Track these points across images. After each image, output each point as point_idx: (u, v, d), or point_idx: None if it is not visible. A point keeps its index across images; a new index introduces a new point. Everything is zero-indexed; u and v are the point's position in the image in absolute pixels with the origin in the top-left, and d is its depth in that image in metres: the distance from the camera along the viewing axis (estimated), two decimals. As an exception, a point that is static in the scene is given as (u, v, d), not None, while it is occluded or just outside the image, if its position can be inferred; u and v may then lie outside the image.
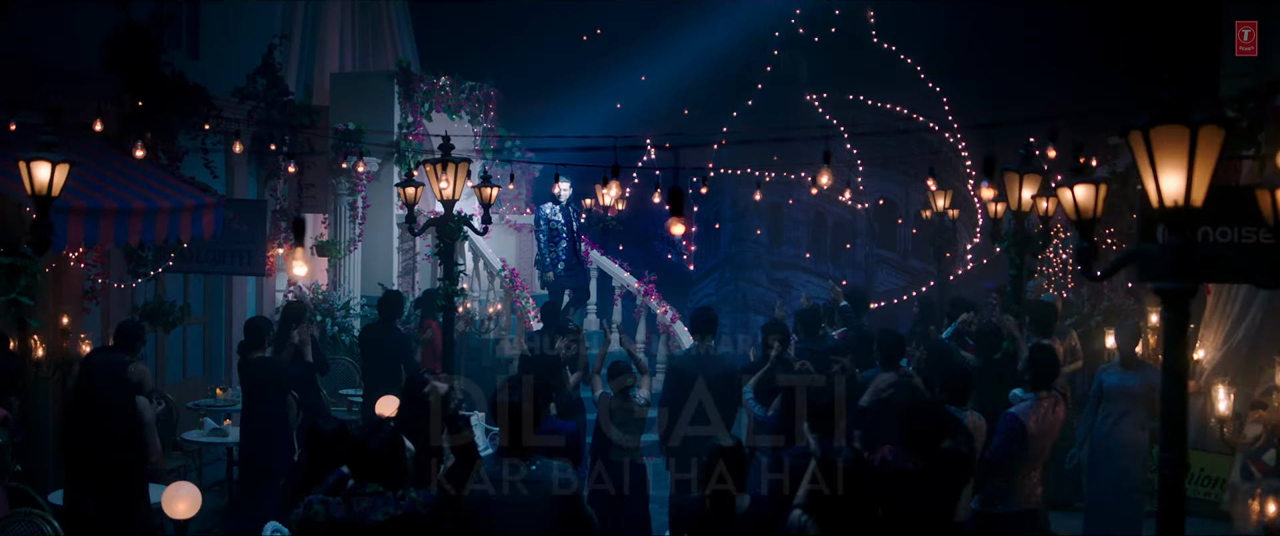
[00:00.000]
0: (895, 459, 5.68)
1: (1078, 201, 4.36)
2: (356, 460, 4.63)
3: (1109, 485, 8.42)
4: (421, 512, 4.52)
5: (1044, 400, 6.89)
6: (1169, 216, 3.97)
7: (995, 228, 8.71)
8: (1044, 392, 6.93)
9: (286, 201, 12.43)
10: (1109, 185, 5.87)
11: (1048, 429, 6.88)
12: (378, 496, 4.48)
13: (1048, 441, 6.93)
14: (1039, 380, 6.96)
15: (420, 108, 13.95)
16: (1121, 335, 8.68)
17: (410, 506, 4.50)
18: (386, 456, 4.59)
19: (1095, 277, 4.28)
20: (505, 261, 13.68)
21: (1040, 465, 6.97)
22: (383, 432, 4.67)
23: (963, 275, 17.10)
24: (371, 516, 4.42)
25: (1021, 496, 6.83)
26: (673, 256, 18.50)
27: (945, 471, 5.65)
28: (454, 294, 8.62)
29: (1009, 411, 6.91)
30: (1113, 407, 8.48)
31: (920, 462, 5.58)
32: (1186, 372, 4.11)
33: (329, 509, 4.46)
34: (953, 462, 5.65)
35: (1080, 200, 4.35)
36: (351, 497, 4.49)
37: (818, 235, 18.17)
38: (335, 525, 4.42)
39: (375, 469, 4.56)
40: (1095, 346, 11.15)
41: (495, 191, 8.94)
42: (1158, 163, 3.92)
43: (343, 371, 11.60)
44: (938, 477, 5.64)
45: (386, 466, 4.58)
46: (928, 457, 5.58)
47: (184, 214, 8.55)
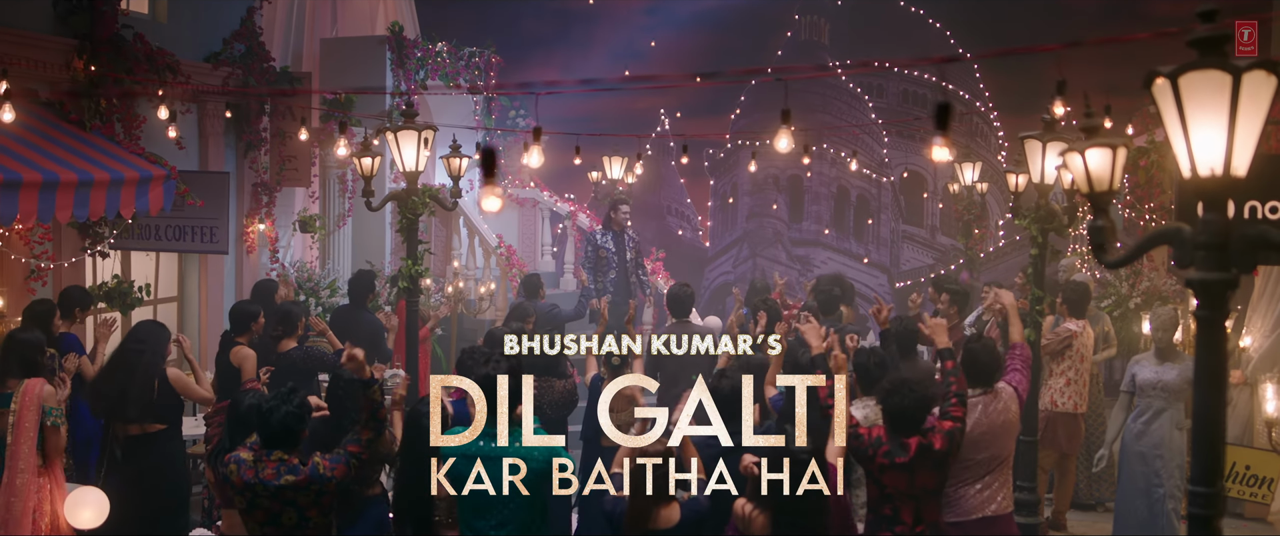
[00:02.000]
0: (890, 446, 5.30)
1: (1089, 169, 3.52)
2: (261, 430, 5.05)
3: (1140, 490, 7.57)
4: (323, 476, 4.97)
5: (981, 399, 6.06)
6: (1204, 188, 3.14)
7: (1015, 201, 7.82)
8: (981, 391, 6.09)
9: (267, 174, 11.75)
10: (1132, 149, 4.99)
11: (992, 429, 6.04)
12: (281, 462, 4.96)
13: (1000, 444, 6.09)
14: (976, 377, 6.11)
15: (415, 75, 13.20)
16: (1157, 322, 7.78)
17: (313, 471, 4.97)
18: (288, 428, 5.00)
19: (1111, 264, 3.45)
20: (501, 237, 12.93)
21: (997, 468, 6.12)
22: (288, 405, 5.01)
23: (995, 252, 16.14)
24: (272, 481, 4.92)
25: (969, 504, 6.04)
26: (685, 232, 17.70)
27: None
28: (418, 274, 7.89)
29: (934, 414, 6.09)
30: (1147, 404, 7.62)
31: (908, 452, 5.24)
32: (1224, 383, 3.28)
33: (240, 469, 4.98)
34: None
35: (1093, 168, 3.50)
36: (258, 462, 4.97)
37: (840, 210, 17.24)
38: (245, 485, 4.96)
39: (277, 438, 5.00)
40: (1134, 331, 10.27)
41: (464, 163, 8.19)
42: (1190, 120, 3.09)
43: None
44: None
45: (287, 436, 5.01)
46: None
47: (126, 187, 7.87)
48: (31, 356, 6.50)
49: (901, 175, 17.07)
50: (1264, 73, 2.96)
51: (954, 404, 5.56)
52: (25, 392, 6.30)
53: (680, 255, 16.29)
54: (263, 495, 4.93)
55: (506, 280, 12.51)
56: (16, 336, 6.66)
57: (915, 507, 5.39)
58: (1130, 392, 7.75)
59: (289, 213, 12.34)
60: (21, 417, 6.27)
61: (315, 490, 4.96)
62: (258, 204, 11.71)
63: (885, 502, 5.42)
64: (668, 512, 4.99)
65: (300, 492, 4.94)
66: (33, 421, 6.28)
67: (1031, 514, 7.67)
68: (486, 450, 5.07)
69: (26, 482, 6.22)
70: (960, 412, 5.53)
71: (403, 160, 7.75)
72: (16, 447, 6.22)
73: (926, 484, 5.39)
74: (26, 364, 6.45)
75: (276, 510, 4.97)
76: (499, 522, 5.20)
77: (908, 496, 5.37)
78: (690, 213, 17.66)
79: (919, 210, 17.07)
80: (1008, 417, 6.13)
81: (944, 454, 5.39)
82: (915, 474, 5.34)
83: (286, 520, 4.98)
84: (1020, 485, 7.75)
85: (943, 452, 5.38)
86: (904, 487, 5.36)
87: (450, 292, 11.54)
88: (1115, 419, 7.99)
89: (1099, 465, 8.33)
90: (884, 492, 5.42)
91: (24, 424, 6.26)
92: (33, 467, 6.26)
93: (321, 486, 4.97)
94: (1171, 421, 7.48)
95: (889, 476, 5.36)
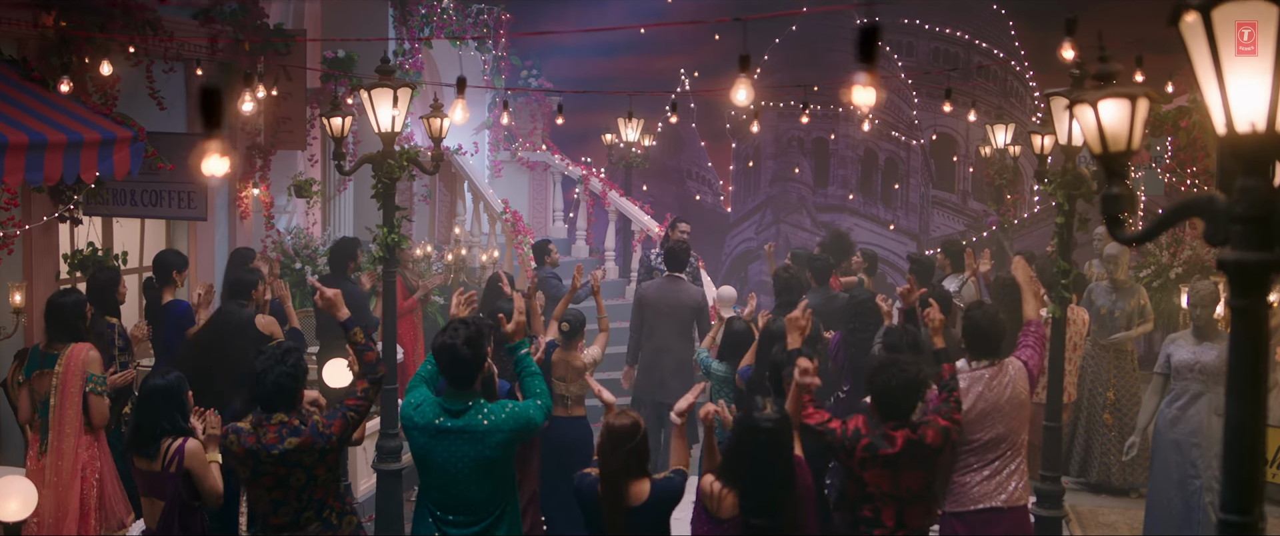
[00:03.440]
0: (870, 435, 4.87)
1: (1102, 125, 2.90)
2: (257, 392, 4.89)
3: (1175, 482, 6.94)
4: (323, 434, 4.80)
5: (982, 372, 5.53)
6: (1242, 148, 2.53)
7: (1040, 165, 7.17)
8: (985, 363, 5.56)
9: (261, 137, 11.28)
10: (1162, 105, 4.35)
11: (997, 406, 5.48)
12: (283, 425, 4.79)
13: (1006, 424, 5.52)
14: (977, 348, 5.59)
15: (419, 32, 12.66)
16: (1196, 297, 7.10)
17: (313, 430, 4.80)
18: (282, 387, 4.83)
19: (1127, 241, 2.85)
20: (506, 202, 12.38)
21: (1006, 453, 5.55)
22: (283, 365, 4.84)
23: (1029, 219, 15.41)
24: (275, 445, 4.74)
25: (972, 493, 5.49)
26: (706, 197, 17.06)
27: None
28: (395, 243, 7.37)
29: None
30: (1183, 387, 6.97)
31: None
32: (1263, 387, 2.67)
33: (240, 437, 4.80)
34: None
35: (1107, 124, 2.87)
36: (259, 428, 4.79)
37: (868, 174, 16.52)
38: (247, 453, 4.77)
39: (273, 400, 4.83)
40: (1173, 303, 9.61)
41: (445, 123, 7.67)
42: (1225, 64, 2.48)
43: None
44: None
45: (282, 396, 4.84)
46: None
47: (87, 149, 7.38)
48: (72, 321, 6.60)
49: (930, 138, 16.30)
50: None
51: (953, 406, 5.07)
52: (70, 357, 6.44)
53: (701, 221, 15.66)
54: (266, 461, 4.77)
55: (512, 247, 11.99)
56: (55, 301, 6.73)
57: (898, 511, 4.84)
58: (1165, 375, 7.11)
59: (289, 177, 11.87)
60: (66, 382, 6.41)
61: (319, 448, 4.83)
62: (252, 167, 11.25)
63: (865, 503, 4.89)
64: (638, 489, 4.66)
65: (305, 453, 4.80)
66: (77, 386, 6.41)
67: (1054, 505, 7.07)
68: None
69: (73, 446, 6.37)
70: (959, 416, 5.02)
71: (377, 120, 7.24)
72: (62, 412, 6.38)
73: (912, 484, 4.86)
74: (68, 329, 6.56)
75: (283, 473, 4.81)
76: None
77: (890, 497, 4.85)
78: (711, 177, 17.00)
79: (950, 174, 16.30)
80: (1016, 394, 5.55)
81: (935, 450, 4.87)
82: (901, 471, 4.81)
83: (294, 481, 4.84)
84: (1043, 474, 7.17)
85: (934, 448, 4.86)
86: (887, 487, 4.83)
87: (450, 260, 11.03)
88: (1148, 403, 7.36)
89: (1129, 454, 7.69)
90: (864, 491, 4.88)
91: (68, 388, 6.41)
92: (78, 430, 6.41)
93: (325, 444, 4.84)
94: (1210, 406, 6.82)
95: (871, 472, 4.83)
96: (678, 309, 9.20)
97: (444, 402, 4.85)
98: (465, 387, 4.87)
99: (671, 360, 9.22)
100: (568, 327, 7.31)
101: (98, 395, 6.45)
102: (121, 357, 7.49)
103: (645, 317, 9.34)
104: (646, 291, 9.51)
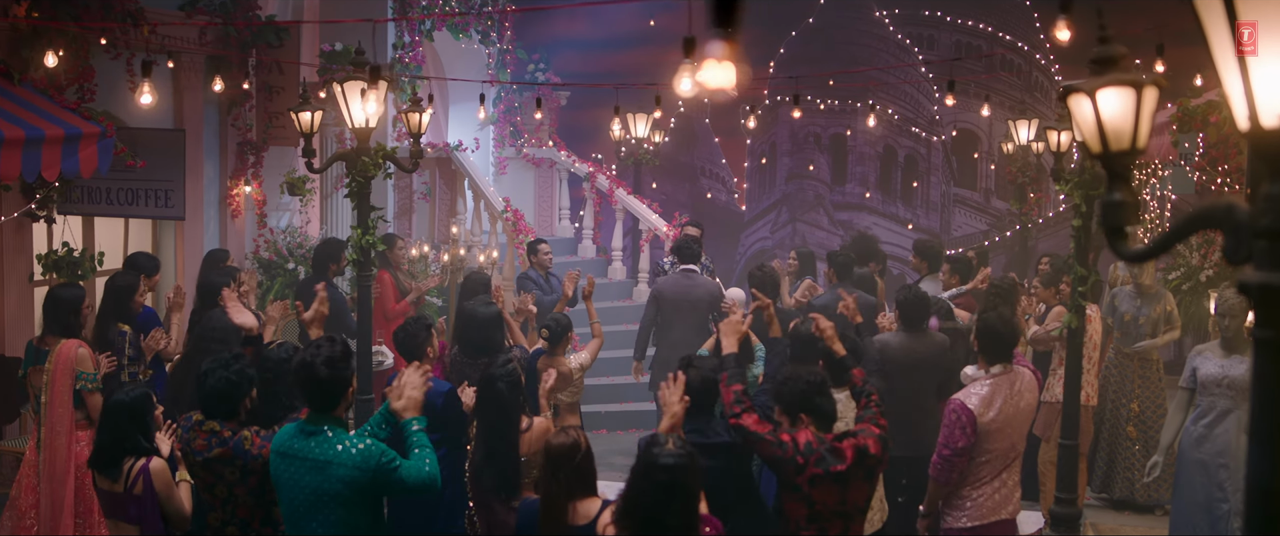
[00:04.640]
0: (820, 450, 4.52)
1: (1101, 119, 2.44)
2: (198, 395, 4.83)
3: (1200, 505, 6.44)
4: (247, 452, 4.63)
5: (1002, 379, 5.32)
6: (1268, 146, 2.08)
7: (1057, 164, 6.70)
8: (1000, 369, 5.34)
9: (251, 133, 10.94)
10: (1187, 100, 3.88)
11: (1018, 414, 5.34)
12: (212, 433, 4.70)
13: (1017, 433, 5.41)
14: (991, 352, 5.35)
15: (419, 25, 12.28)
16: (1224, 307, 6.59)
17: (237, 446, 4.65)
18: (219, 394, 4.75)
19: (1131, 257, 2.41)
20: (508, 201, 11.98)
21: (1011, 464, 5.41)
22: (226, 370, 4.76)
23: (1054, 218, 14.85)
24: (201, 452, 4.68)
25: (986, 505, 5.32)
26: (719, 195, 16.59)
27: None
28: (369, 246, 7.00)
29: (955, 397, 5.38)
30: (1210, 403, 6.48)
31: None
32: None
33: (182, 433, 4.83)
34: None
35: (1107, 117, 2.39)
36: (192, 431, 4.75)
37: (887, 171, 15.98)
38: (184, 451, 4.86)
39: (209, 403, 4.76)
40: (1203, 308, 9.09)
41: (424, 118, 7.30)
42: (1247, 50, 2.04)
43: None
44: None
45: (219, 402, 4.75)
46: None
47: (49, 145, 7.04)
48: (65, 317, 6.54)
49: (952, 133, 15.75)
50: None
51: (875, 412, 4.83)
52: (59, 355, 6.35)
53: (714, 220, 15.20)
54: (195, 465, 4.78)
55: (512, 247, 11.58)
56: (54, 293, 6.69)
57: (844, 526, 4.57)
58: (1190, 390, 6.61)
59: (286, 175, 11.52)
60: (55, 380, 6.33)
61: (240, 465, 4.65)
62: (243, 164, 10.92)
63: (812, 522, 4.54)
64: (587, 507, 4.16)
65: (226, 466, 4.67)
66: (66, 384, 6.33)
67: (1071, 528, 6.62)
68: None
69: (65, 442, 6.31)
70: (884, 422, 4.76)
71: (350, 115, 6.87)
72: (52, 409, 6.32)
73: (857, 499, 4.57)
74: (61, 324, 6.51)
75: (209, 480, 4.74)
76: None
77: (837, 515, 4.53)
78: (725, 174, 16.52)
79: (972, 172, 15.74)
80: (1027, 402, 5.42)
81: (878, 460, 4.58)
82: (849, 485, 4.50)
83: (218, 491, 4.74)
84: (1059, 497, 6.74)
85: (877, 458, 4.57)
86: (834, 503, 4.51)
87: (447, 261, 10.63)
88: (1172, 420, 6.86)
89: (1151, 474, 7.18)
90: (813, 510, 4.52)
91: (57, 386, 6.32)
92: (68, 427, 6.36)
93: (247, 463, 4.64)
94: (1239, 424, 6.31)
95: (821, 490, 4.48)
96: (695, 303, 9.13)
97: (303, 424, 4.34)
98: (325, 411, 4.32)
99: (688, 354, 8.82)
100: (548, 333, 6.93)
101: (90, 392, 6.37)
102: (131, 367, 7.24)
103: (662, 312, 9.27)
104: (663, 286, 9.43)
